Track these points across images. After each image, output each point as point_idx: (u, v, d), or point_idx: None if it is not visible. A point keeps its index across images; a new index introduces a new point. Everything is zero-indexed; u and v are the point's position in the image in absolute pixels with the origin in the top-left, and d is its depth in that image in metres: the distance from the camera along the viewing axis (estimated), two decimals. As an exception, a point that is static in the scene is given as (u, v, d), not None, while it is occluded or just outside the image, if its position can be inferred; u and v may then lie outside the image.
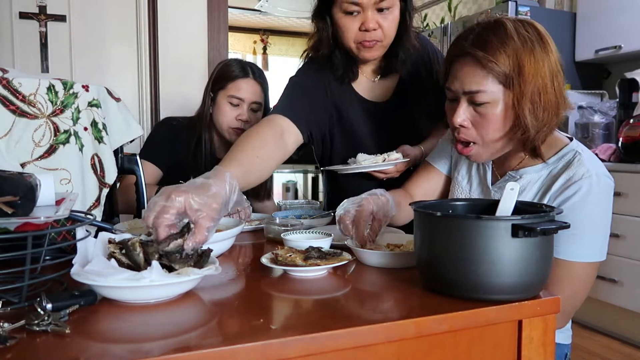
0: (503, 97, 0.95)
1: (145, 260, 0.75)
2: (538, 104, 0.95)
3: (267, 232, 1.22)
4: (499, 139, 1.00)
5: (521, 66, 0.93)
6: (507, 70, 0.94)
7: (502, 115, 0.97)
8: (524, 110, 0.94)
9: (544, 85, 0.95)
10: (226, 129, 1.61)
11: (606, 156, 2.67)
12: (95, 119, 1.02)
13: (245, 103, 1.60)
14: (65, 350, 0.56)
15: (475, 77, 0.96)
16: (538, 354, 0.74)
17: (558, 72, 0.98)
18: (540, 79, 0.94)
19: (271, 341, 0.59)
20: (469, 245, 0.71)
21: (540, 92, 0.95)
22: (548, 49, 0.97)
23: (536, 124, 0.96)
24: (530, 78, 0.93)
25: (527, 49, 0.94)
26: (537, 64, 0.94)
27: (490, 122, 0.97)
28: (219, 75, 1.64)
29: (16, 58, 2.49)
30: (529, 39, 0.95)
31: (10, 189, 0.69)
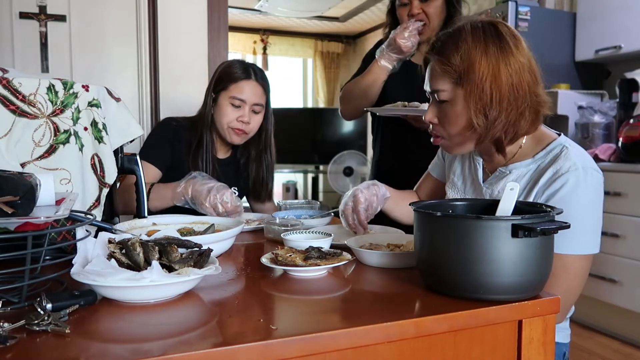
0: (462, 96, 1.01)
1: (145, 260, 0.75)
2: (488, 102, 0.99)
3: (267, 232, 1.22)
4: (459, 134, 1.06)
5: (471, 66, 0.98)
6: (458, 70, 1.00)
7: (461, 113, 1.02)
8: (469, 108, 1.00)
9: (496, 84, 0.98)
10: (227, 130, 1.60)
11: (606, 156, 2.67)
12: (95, 119, 1.02)
13: (247, 105, 1.59)
14: (65, 350, 0.56)
15: (435, 78, 1.05)
16: (538, 354, 0.74)
17: (524, 72, 1.01)
18: (492, 77, 0.98)
19: (271, 341, 0.59)
20: (469, 245, 0.71)
21: (492, 91, 0.98)
22: (508, 51, 1.00)
23: (485, 122, 1.00)
24: (480, 76, 0.98)
25: (480, 49, 0.99)
26: (489, 64, 0.98)
27: (449, 119, 1.05)
28: (221, 76, 1.63)
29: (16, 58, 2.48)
30: (483, 39, 1.00)
31: (10, 189, 0.69)
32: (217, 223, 1.12)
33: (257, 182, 1.71)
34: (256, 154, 1.70)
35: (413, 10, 1.60)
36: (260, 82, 1.61)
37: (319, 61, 6.81)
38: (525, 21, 3.17)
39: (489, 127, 1.00)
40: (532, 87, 1.02)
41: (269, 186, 1.74)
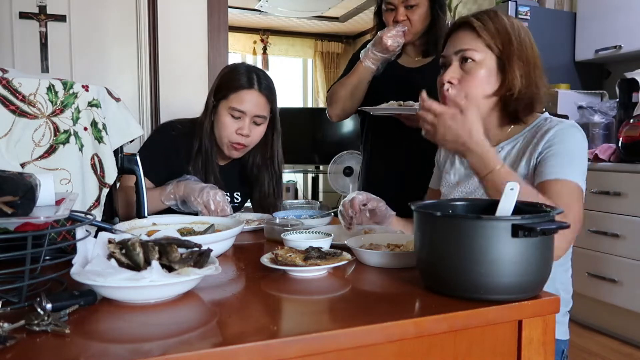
0: (489, 61, 1.10)
1: (145, 260, 0.75)
2: (523, 69, 1.10)
3: (267, 232, 1.22)
4: (487, 98, 1.12)
5: (510, 38, 1.10)
6: (496, 37, 1.10)
7: (486, 77, 1.10)
8: (513, 70, 1.09)
9: (527, 59, 1.10)
10: (225, 144, 1.52)
11: (606, 156, 2.67)
12: (95, 119, 1.02)
13: (248, 116, 1.49)
14: (65, 350, 0.56)
15: (466, 39, 1.12)
16: (538, 354, 0.74)
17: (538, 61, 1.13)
18: (525, 53, 1.10)
19: (271, 341, 0.59)
20: (469, 245, 0.71)
21: (524, 62, 1.10)
22: (532, 40, 1.13)
23: (520, 85, 1.09)
24: (517, 48, 1.09)
25: (515, 29, 1.11)
26: (523, 42, 1.11)
27: (475, 79, 1.10)
28: (222, 83, 1.53)
29: (16, 58, 2.48)
30: (517, 24, 1.13)
31: (10, 189, 0.69)
32: (217, 223, 1.12)
33: (262, 194, 1.64)
34: (262, 162, 1.62)
35: (398, 16, 1.66)
36: (264, 92, 1.51)
37: (319, 61, 6.81)
38: (525, 21, 3.17)
39: (521, 91, 1.09)
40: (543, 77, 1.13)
41: (276, 200, 1.66)
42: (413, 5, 1.66)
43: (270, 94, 1.54)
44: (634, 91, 2.78)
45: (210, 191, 1.32)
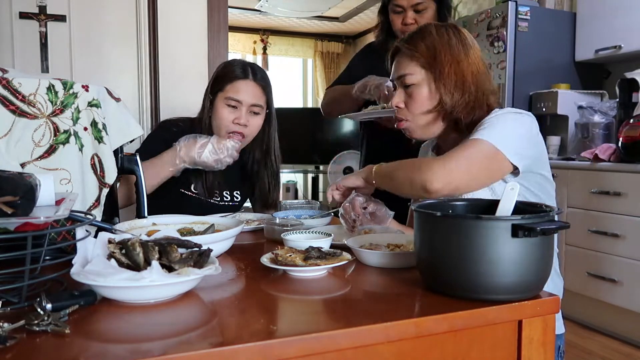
0: (427, 80, 1.16)
1: (145, 260, 0.75)
2: (453, 84, 1.14)
3: (267, 232, 1.22)
4: (425, 114, 1.18)
5: (437, 53, 1.15)
6: (426, 56, 1.15)
7: (427, 95, 1.17)
8: (440, 88, 1.15)
9: (459, 70, 1.14)
10: (224, 135, 1.52)
11: (606, 156, 2.67)
12: (95, 119, 1.02)
13: (244, 106, 1.51)
14: (65, 350, 0.56)
15: (403, 64, 1.19)
16: (538, 354, 0.74)
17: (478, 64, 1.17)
18: (456, 64, 1.14)
19: (271, 341, 0.59)
20: (469, 245, 0.71)
21: (456, 75, 1.14)
22: (467, 45, 1.17)
23: (451, 100, 1.14)
24: (445, 62, 1.14)
25: (444, 42, 1.16)
26: (452, 53, 1.15)
27: (417, 101, 1.18)
28: (218, 77, 1.55)
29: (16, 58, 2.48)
30: (447, 35, 1.16)
31: (10, 189, 0.69)
32: (217, 223, 1.12)
33: (262, 191, 1.65)
34: (261, 158, 1.63)
35: (407, 19, 1.71)
36: (259, 82, 1.54)
37: (319, 61, 6.81)
38: (525, 21, 3.17)
39: (454, 106, 1.14)
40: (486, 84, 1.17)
41: (275, 195, 1.68)
42: (422, 10, 1.70)
43: (266, 85, 1.57)
44: (634, 91, 2.78)
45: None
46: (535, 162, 1.10)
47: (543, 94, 3.19)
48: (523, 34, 3.17)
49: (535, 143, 1.11)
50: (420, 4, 1.70)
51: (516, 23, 3.15)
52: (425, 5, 1.70)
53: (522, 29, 3.17)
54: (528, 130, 1.09)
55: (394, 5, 1.73)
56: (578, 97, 3.16)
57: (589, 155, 2.77)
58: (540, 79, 3.24)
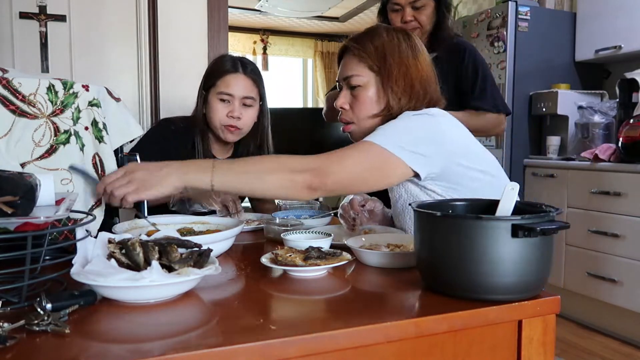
0: (374, 82, 1.12)
1: (145, 260, 0.75)
2: (402, 88, 1.11)
3: (267, 232, 1.22)
4: (371, 118, 1.14)
5: (386, 55, 1.11)
6: (374, 58, 1.12)
7: (373, 98, 1.13)
8: (387, 91, 1.11)
9: (408, 75, 1.11)
10: (219, 128, 1.55)
11: (606, 156, 2.67)
12: (95, 118, 1.02)
13: (236, 99, 1.53)
14: (65, 350, 0.56)
15: (351, 65, 1.15)
16: (538, 354, 0.74)
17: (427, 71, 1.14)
18: (405, 68, 1.11)
19: (271, 341, 0.59)
20: (469, 245, 0.71)
21: (404, 79, 1.11)
22: (417, 50, 1.14)
23: (398, 104, 1.11)
24: (394, 65, 1.11)
25: (394, 44, 1.12)
26: (401, 56, 1.12)
27: (363, 103, 1.14)
28: (209, 73, 1.59)
29: (16, 58, 2.48)
30: (397, 38, 1.14)
31: (10, 189, 0.69)
32: (217, 223, 1.12)
33: None
34: (254, 150, 1.65)
35: (406, 17, 1.70)
36: (249, 75, 1.56)
37: (319, 61, 6.80)
38: (525, 21, 3.17)
39: (400, 111, 1.10)
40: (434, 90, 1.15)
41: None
42: (420, 7, 1.70)
43: (257, 77, 1.58)
44: (634, 91, 2.78)
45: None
46: (454, 159, 1.03)
47: (543, 94, 3.19)
48: (523, 34, 3.16)
49: (450, 140, 1.04)
50: (418, 1, 1.70)
51: (516, 23, 3.15)
52: (423, 2, 1.70)
53: (522, 29, 3.17)
54: (433, 130, 1.04)
55: (392, 4, 1.73)
56: (578, 97, 3.16)
57: (589, 155, 2.77)
58: (540, 79, 3.24)
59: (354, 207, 1.15)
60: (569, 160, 2.90)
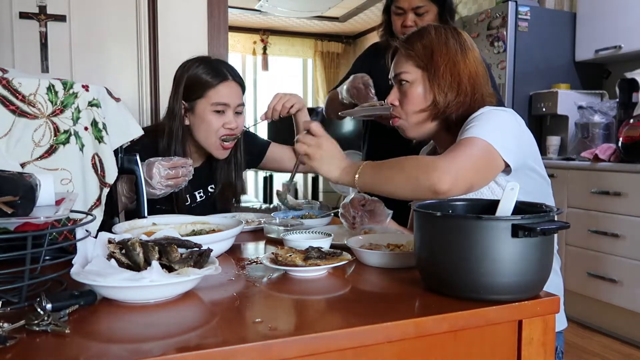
0: (421, 79, 1.17)
1: (145, 260, 0.75)
2: (448, 83, 1.14)
3: (267, 232, 1.22)
4: (418, 113, 1.19)
5: (433, 53, 1.16)
6: (421, 55, 1.17)
7: (421, 94, 1.18)
8: (433, 86, 1.15)
9: (455, 70, 1.15)
10: (213, 143, 1.46)
11: (606, 156, 2.67)
12: (95, 118, 1.02)
13: (231, 108, 1.45)
14: (65, 350, 0.56)
15: (400, 63, 1.21)
16: (538, 354, 0.74)
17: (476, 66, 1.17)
18: (452, 64, 1.15)
19: (271, 341, 0.59)
20: (469, 245, 0.71)
21: (451, 75, 1.14)
22: (465, 47, 1.17)
23: (444, 99, 1.15)
24: (441, 61, 1.15)
25: (441, 41, 1.16)
26: (449, 53, 1.16)
27: (410, 99, 1.18)
28: (191, 83, 1.46)
29: (16, 58, 2.48)
30: (445, 36, 1.17)
31: (10, 189, 0.69)
32: (217, 223, 1.12)
33: (225, 186, 1.57)
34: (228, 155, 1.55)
35: (407, 22, 1.72)
36: (237, 80, 1.49)
37: (319, 61, 6.81)
38: (525, 21, 3.17)
39: (447, 105, 1.14)
40: (483, 86, 1.17)
41: (238, 188, 1.61)
42: (423, 13, 1.70)
43: (242, 81, 1.53)
44: (634, 91, 2.78)
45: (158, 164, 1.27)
46: (526, 158, 1.09)
47: (543, 94, 3.19)
48: (523, 34, 3.17)
49: (526, 139, 1.10)
50: (420, 7, 1.71)
51: (516, 23, 3.15)
52: (426, 8, 1.71)
53: (522, 29, 3.17)
54: (516, 126, 1.08)
55: (395, 7, 1.75)
56: (578, 97, 3.16)
57: (589, 155, 2.77)
58: (540, 79, 3.24)
59: (354, 205, 1.16)
60: (569, 160, 2.90)
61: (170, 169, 1.29)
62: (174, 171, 1.29)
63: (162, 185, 1.28)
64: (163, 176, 1.28)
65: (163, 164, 1.29)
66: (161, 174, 1.27)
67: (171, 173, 1.29)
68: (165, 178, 1.28)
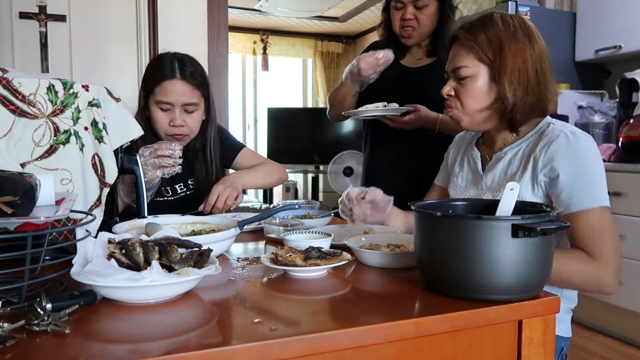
0: (483, 74, 1.09)
1: (145, 260, 0.75)
2: (517, 80, 1.07)
3: (267, 232, 1.22)
4: (481, 111, 1.12)
5: (502, 46, 1.07)
6: (487, 50, 1.08)
7: (482, 89, 1.10)
8: (503, 83, 1.07)
9: (524, 66, 1.07)
10: (164, 137, 1.49)
11: (606, 156, 2.67)
12: (95, 118, 1.02)
13: (176, 107, 1.45)
14: (65, 350, 0.56)
15: (459, 56, 1.12)
16: (538, 354, 0.74)
17: (542, 60, 1.09)
18: (520, 59, 1.07)
19: (271, 341, 0.59)
20: (469, 245, 0.71)
21: (519, 70, 1.06)
22: (533, 39, 1.09)
23: (513, 97, 1.07)
24: (509, 56, 1.06)
25: (510, 34, 1.07)
26: (517, 46, 1.07)
27: (471, 95, 1.11)
28: (146, 77, 1.50)
29: (16, 58, 2.48)
30: (513, 26, 1.08)
31: (10, 189, 0.69)
32: (217, 223, 1.12)
33: (199, 177, 1.58)
34: (200, 147, 1.58)
35: (406, 15, 1.69)
36: (188, 79, 1.45)
37: (319, 61, 6.80)
38: (525, 21, 3.17)
39: (516, 103, 1.07)
40: (548, 79, 1.09)
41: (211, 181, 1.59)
42: (422, 6, 1.68)
43: (196, 80, 1.47)
44: (634, 91, 2.78)
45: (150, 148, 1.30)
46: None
47: (543, 94, 3.19)
48: (523, 34, 3.16)
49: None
50: (420, 0, 1.68)
51: (516, 23, 3.15)
52: (425, 2, 1.68)
53: (522, 29, 3.17)
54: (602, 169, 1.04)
55: (395, 2, 1.73)
56: (578, 97, 3.16)
57: (589, 155, 2.77)
58: (540, 79, 3.24)
59: (350, 198, 1.14)
60: (569, 160, 2.90)
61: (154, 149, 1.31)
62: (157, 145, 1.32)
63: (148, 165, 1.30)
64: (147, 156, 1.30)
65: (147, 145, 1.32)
66: (145, 153, 1.30)
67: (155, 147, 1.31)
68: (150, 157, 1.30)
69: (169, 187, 1.56)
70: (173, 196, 1.57)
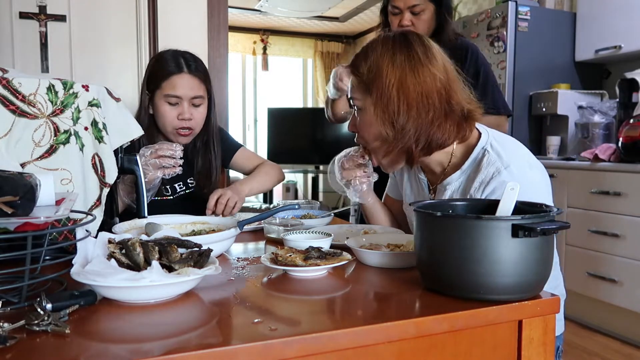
0: (369, 104, 1.01)
1: (145, 260, 0.75)
2: (395, 110, 0.97)
3: (267, 232, 1.22)
4: (378, 140, 1.03)
5: (378, 74, 0.97)
6: (366, 79, 1.00)
7: (372, 120, 1.01)
8: (377, 116, 0.99)
9: (404, 92, 0.96)
10: (170, 132, 1.51)
11: (606, 156, 2.67)
12: (95, 118, 1.02)
13: (185, 100, 1.48)
14: (65, 350, 0.56)
15: (352, 87, 1.06)
16: (538, 354, 0.74)
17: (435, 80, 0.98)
18: (399, 85, 0.96)
19: (271, 341, 0.59)
20: (469, 245, 0.71)
21: (399, 99, 0.96)
22: (417, 59, 0.98)
23: (393, 131, 0.98)
24: (387, 84, 0.96)
25: (387, 58, 0.98)
26: (395, 72, 0.97)
27: (362, 127, 1.05)
28: (152, 73, 1.52)
29: (16, 58, 2.48)
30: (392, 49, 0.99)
31: (10, 189, 0.69)
32: (216, 223, 1.12)
33: (202, 173, 1.60)
34: (202, 145, 1.60)
35: (404, 21, 1.71)
36: (194, 73, 1.50)
37: (319, 61, 6.80)
38: (525, 21, 3.17)
39: (397, 136, 0.99)
40: (447, 97, 0.99)
41: (213, 177, 1.62)
42: (419, 12, 1.69)
43: (202, 74, 1.53)
44: (634, 91, 2.79)
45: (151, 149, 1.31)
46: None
47: (543, 94, 3.19)
48: (523, 34, 3.16)
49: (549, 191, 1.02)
50: (416, 6, 1.70)
51: (516, 23, 3.15)
52: (422, 7, 1.70)
53: (522, 29, 3.17)
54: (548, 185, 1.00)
55: (392, 7, 1.74)
56: (578, 97, 3.16)
57: (589, 155, 2.77)
58: (540, 79, 3.24)
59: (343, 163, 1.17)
60: (569, 160, 2.90)
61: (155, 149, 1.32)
62: (159, 145, 1.33)
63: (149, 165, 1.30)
64: (148, 156, 1.31)
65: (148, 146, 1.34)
66: (146, 153, 1.31)
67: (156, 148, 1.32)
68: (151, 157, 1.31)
69: (169, 186, 1.57)
70: (173, 195, 1.58)
